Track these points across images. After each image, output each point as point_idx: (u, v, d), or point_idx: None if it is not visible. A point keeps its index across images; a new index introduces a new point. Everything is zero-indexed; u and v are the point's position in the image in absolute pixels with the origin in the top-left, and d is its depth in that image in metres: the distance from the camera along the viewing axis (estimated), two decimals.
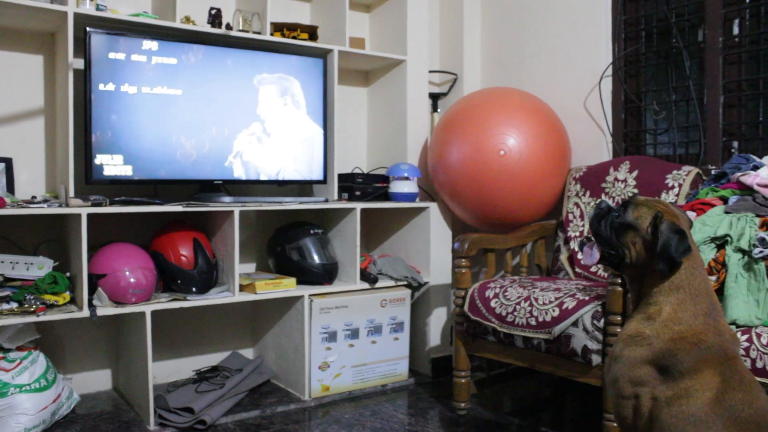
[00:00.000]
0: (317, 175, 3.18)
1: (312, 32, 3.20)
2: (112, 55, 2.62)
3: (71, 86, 2.54)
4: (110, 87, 2.62)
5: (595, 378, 2.28)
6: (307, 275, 3.00)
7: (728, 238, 2.05)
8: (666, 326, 1.56)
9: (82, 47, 2.58)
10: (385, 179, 3.34)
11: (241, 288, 2.83)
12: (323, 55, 3.18)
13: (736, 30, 2.74)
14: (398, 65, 3.49)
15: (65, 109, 2.56)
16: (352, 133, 3.67)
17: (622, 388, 1.59)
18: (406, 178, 3.28)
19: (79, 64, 2.63)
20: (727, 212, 2.14)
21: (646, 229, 1.61)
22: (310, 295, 2.91)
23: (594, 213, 1.72)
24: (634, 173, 2.83)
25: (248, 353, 3.34)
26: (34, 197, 2.58)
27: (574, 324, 2.30)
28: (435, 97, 3.75)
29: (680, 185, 2.68)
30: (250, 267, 3.34)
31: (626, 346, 1.60)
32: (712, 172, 2.52)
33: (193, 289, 2.72)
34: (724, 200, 2.25)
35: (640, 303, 1.65)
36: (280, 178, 3.08)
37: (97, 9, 2.64)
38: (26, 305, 2.35)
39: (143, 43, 2.68)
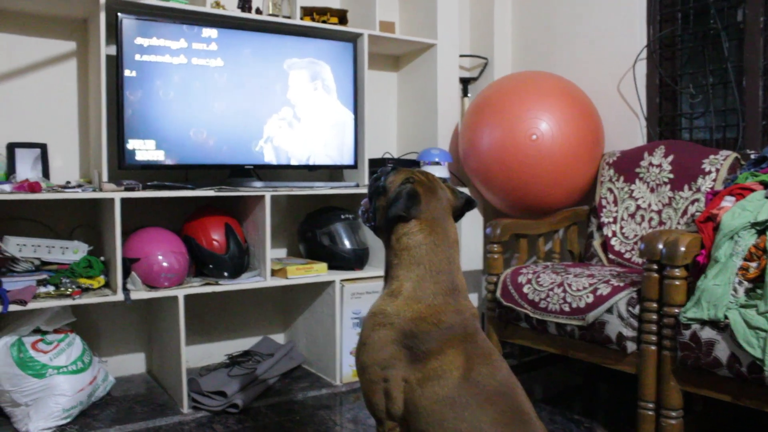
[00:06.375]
0: (348, 160, 3.17)
1: (342, 16, 3.18)
2: (142, 41, 2.63)
3: (104, 72, 2.55)
4: (141, 73, 2.63)
5: (629, 366, 2.25)
6: (338, 260, 3.00)
7: None
8: (407, 304, 1.52)
9: (114, 33, 2.59)
10: (415, 164, 3.32)
11: (273, 273, 2.84)
12: (353, 39, 3.16)
13: None
14: (428, 49, 3.46)
15: (98, 96, 2.58)
16: (383, 118, 3.66)
17: (370, 372, 1.54)
18: (437, 163, 3.26)
19: (111, 50, 2.64)
20: None
21: (392, 191, 1.60)
22: (341, 281, 2.91)
23: (375, 175, 1.71)
24: (670, 158, 2.78)
25: (279, 338, 3.36)
26: (68, 182, 2.61)
27: (609, 310, 2.27)
28: (465, 82, 3.72)
29: (717, 170, 2.62)
30: (281, 252, 3.35)
31: (372, 327, 1.56)
32: (752, 156, 2.46)
33: (225, 274, 2.74)
34: (765, 185, 2.19)
35: (386, 278, 1.63)
36: (311, 163, 3.07)
37: None
38: (62, 288, 2.39)
39: (174, 28, 2.69)
